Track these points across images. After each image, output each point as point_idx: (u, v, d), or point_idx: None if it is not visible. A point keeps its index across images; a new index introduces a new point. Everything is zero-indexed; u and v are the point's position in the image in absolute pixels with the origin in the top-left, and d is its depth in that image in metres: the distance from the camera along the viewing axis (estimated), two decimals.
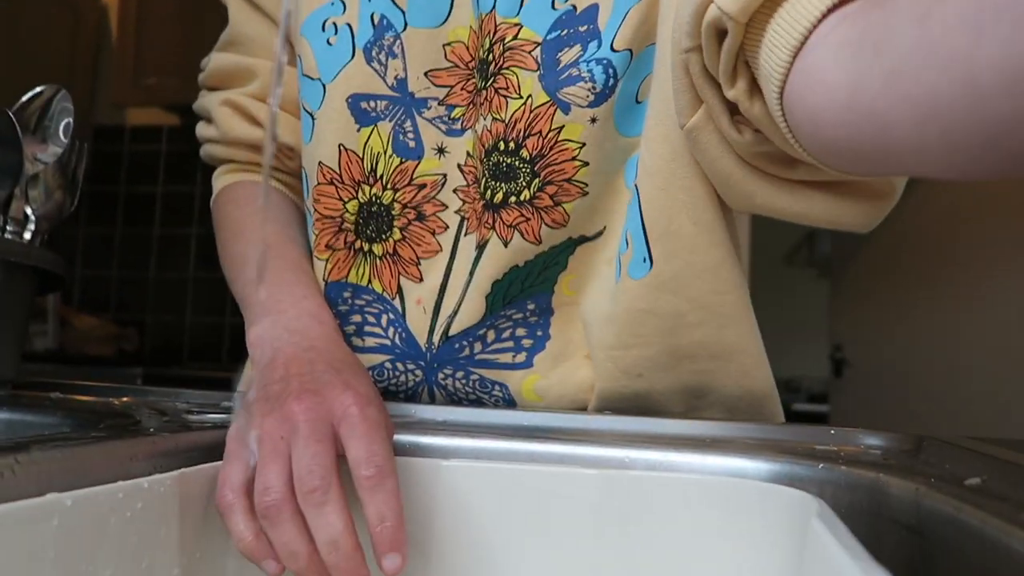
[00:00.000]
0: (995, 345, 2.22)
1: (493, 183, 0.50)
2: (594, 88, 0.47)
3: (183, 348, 2.49)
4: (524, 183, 0.49)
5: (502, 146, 0.49)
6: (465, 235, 0.52)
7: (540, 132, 0.48)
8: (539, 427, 0.41)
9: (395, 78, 0.51)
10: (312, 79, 0.53)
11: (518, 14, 0.48)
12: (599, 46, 0.47)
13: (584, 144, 0.48)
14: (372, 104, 0.51)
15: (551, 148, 0.49)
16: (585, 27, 0.48)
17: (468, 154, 0.51)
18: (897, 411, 2.51)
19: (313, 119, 0.53)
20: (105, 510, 0.26)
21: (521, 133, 0.49)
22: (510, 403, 0.53)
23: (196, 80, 0.62)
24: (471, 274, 0.51)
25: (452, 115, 0.52)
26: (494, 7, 0.49)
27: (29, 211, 0.53)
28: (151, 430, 0.33)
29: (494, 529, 0.34)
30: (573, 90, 0.47)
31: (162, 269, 2.52)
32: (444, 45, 0.51)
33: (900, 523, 0.28)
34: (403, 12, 0.51)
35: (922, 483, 0.28)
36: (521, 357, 0.52)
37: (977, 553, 0.23)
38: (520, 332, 0.52)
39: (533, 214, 0.49)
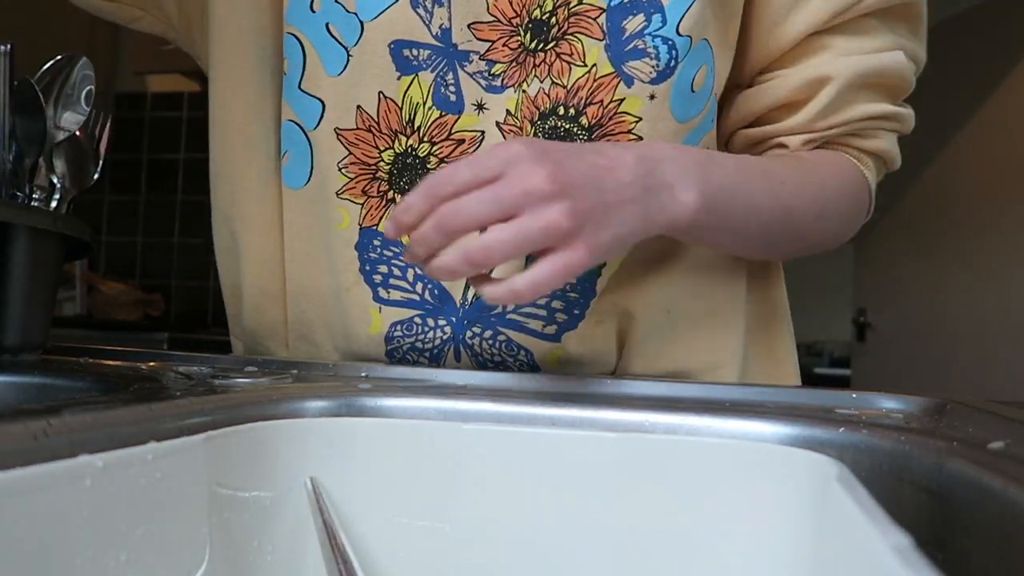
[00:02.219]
0: (1020, 311, 2.19)
1: None
2: (657, 65, 0.49)
3: (207, 313, 2.52)
4: None
5: (561, 111, 0.50)
6: None
7: (601, 102, 0.49)
8: (560, 391, 0.42)
9: (440, 27, 0.50)
10: (347, 11, 0.50)
11: None
12: (663, 23, 0.48)
13: (641, 119, 0.49)
14: (415, 52, 0.50)
15: (610, 119, 0.49)
16: None
17: (509, 112, 0.51)
18: (920, 376, 2.49)
19: (348, 54, 0.50)
20: (135, 471, 0.26)
21: (583, 101, 0.49)
22: (533, 368, 0.53)
23: None
24: None
25: (492, 71, 0.51)
26: None
27: (55, 179, 0.54)
28: (178, 394, 0.34)
29: (514, 492, 0.35)
30: (638, 64, 0.49)
31: (185, 235, 2.54)
32: None
33: (921, 486, 0.28)
34: None
35: (944, 447, 0.27)
36: (551, 330, 0.53)
37: (998, 517, 0.23)
38: (556, 304, 0.53)
39: None
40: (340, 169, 0.53)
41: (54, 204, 0.54)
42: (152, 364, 0.47)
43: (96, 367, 0.46)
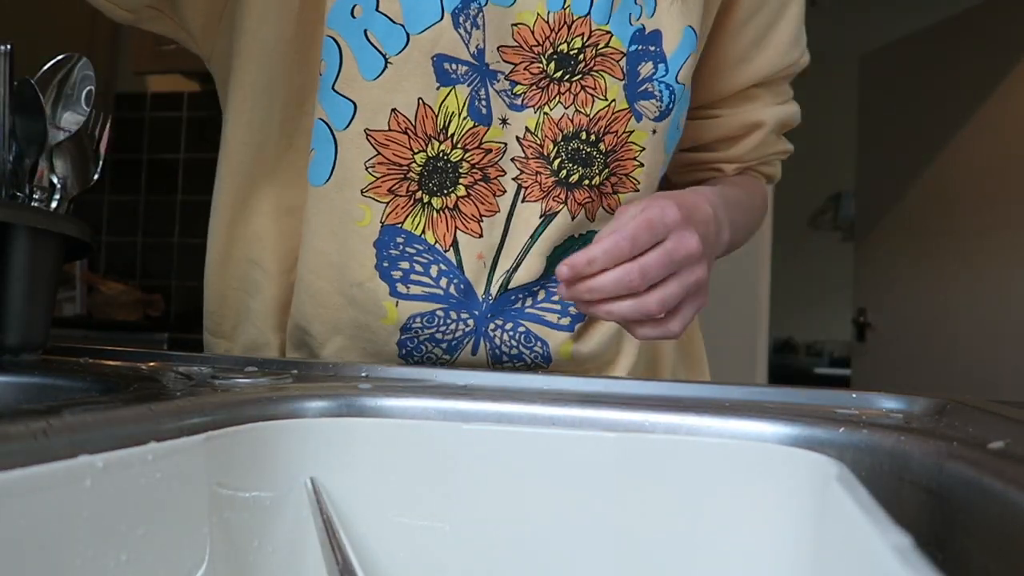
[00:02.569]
0: (1020, 311, 2.19)
1: (571, 165, 0.58)
2: (660, 106, 0.58)
3: None
4: (597, 171, 0.58)
5: (583, 136, 0.57)
6: (523, 201, 0.58)
7: (616, 131, 0.58)
8: (559, 391, 0.42)
9: (476, 47, 0.55)
10: (393, 22, 0.53)
11: (608, 22, 0.56)
12: (666, 71, 0.58)
13: (644, 149, 0.59)
14: (454, 67, 0.55)
15: (622, 147, 0.58)
16: (653, 47, 0.58)
17: (528, 130, 0.57)
18: (920, 376, 2.49)
19: (387, 62, 0.54)
20: (136, 472, 0.26)
21: (602, 129, 0.57)
22: (547, 359, 0.60)
23: None
24: (533, 238, 0.58)
25: (514, 91, 0.56)
26: (566, 6, 0.56)
27: (55, 179, 0.54)
28: (178, 394, 0.34)
29: (514, 492, 0.35)
30: (647, 104, 0.58)
31: (185, 235, 2.54)
32: (512, 24, 0.55)
33: (921, 486, 0.28)
34: None
35: (944, 447, 0.28)
36: (565, 321, 0.60)
37: (998, 517, 0.23)
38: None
39: (598, 197, 0.59)
40: (367, 168, 0.55)
41: (54, 204, 0.54)
42: (152, 364, 0.48)
43: (96, 367, 0.46)
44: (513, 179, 0.57)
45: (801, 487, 0.30)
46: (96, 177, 0.57)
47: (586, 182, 0.58)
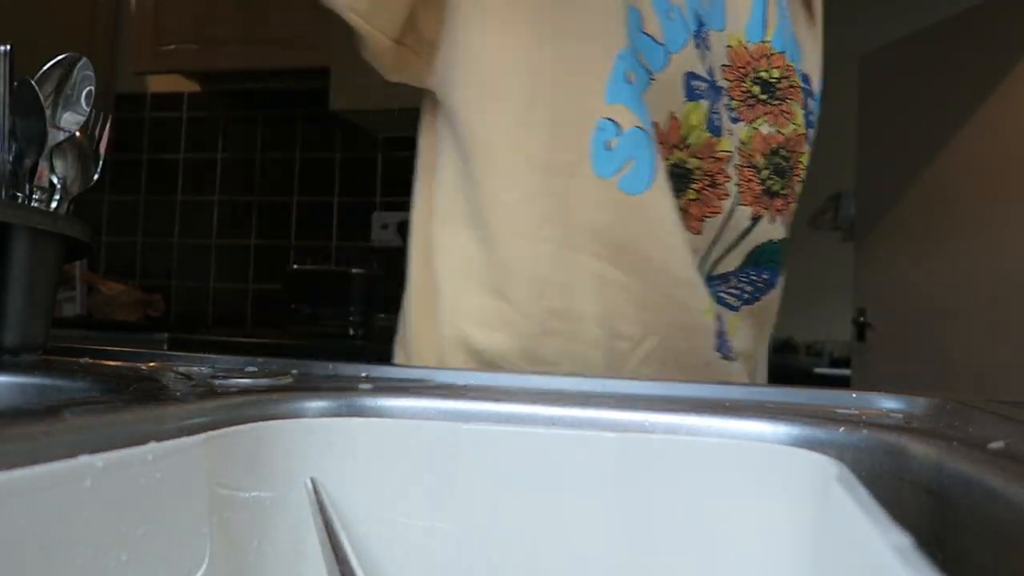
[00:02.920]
0: (1020, 311, 2.18)
1: (775, 176, 0.67)
2: (811, 133, 0.69)
3: (208, 314, 2.52)
4: (787, 182, 0.68)
5: (782, 152, 0.67)
6: (739, 205, 0.65)
7: (797, 152, 0.68)
8: (559, 391, 0.42)
9: (709, 66, 0.62)
10: (656, 42, 0.59)
11: (794, 60, 0.67)
12: (816, 108, 0.70)
13: (806, 168, 0.69)
14: (698, 84, 0.61)
15: (799, 165, 0.69)
16: (809, 86, 0.69)
17: (742, 141, 0.65)
18: (920, 376, 2.49)
19: (651, 78, 0.59)
20: (136, 472, 0.26)
21: (791, 148, 0.67)
22: (722, 333, 0.67)
23: (214, 47, 0.61)
24: (743, 236, 0.66)
25: (731, 105, 0.64)
26: (765, 40, 0.65)
27: (55, 179, 0.54)
28: (178, 394, 0.34)
29: (514, 492, 0.35)
30: (811, 131, 0.69)
31: (185, 235, 2.54)
32: (725, 47, 0.63)
33: (921, 486, 0.28)
34: (707, 12, 0.62)
35: (944, 446, 0.27)
36: (738, 304, 0.69)
37: (998, 516, 0.23)
38: (748, 288, 0.69)
39: (786, 206, 0.68)
40: None
41: (54, 204, 0.54)
42: (152, 364, 0.47)
43: (96, 367, 0.46)
44: (735, 184, 0.65)
45: (801, 487, 0.30)
46: (96, 177, 0.56)
47: (782, 192, 0.67)
